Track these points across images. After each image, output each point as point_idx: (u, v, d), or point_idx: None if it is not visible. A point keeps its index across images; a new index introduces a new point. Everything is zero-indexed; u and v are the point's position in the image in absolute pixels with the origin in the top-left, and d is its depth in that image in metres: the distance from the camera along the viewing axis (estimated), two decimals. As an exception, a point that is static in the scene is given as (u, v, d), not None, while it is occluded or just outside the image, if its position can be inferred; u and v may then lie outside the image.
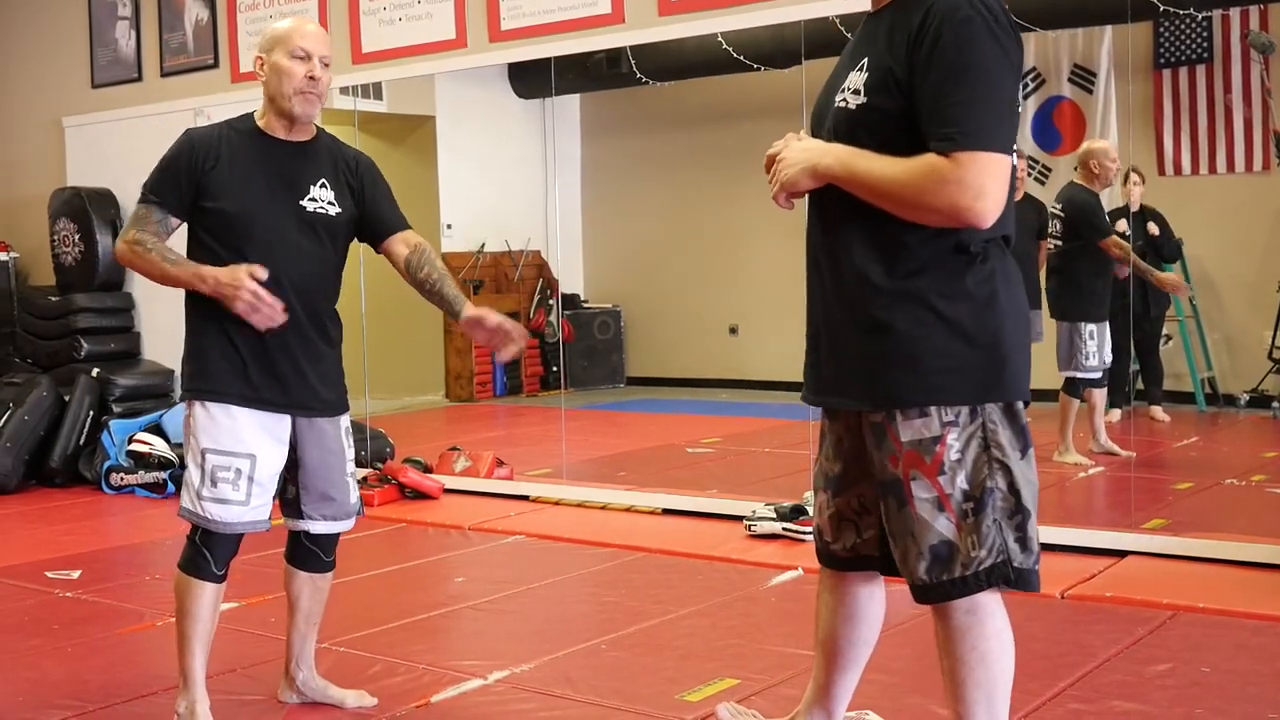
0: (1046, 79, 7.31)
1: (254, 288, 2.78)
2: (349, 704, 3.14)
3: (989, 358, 2.15)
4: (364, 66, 6.35)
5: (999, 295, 2.17)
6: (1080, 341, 5.83)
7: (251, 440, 2.89)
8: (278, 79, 2.90)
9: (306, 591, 3.14)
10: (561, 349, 9.49)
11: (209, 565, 2.92)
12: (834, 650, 2.58)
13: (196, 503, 2.89)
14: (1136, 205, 6.32)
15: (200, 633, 2.94)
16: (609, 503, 5.56)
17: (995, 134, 2.04)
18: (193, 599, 2.93)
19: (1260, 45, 6.35)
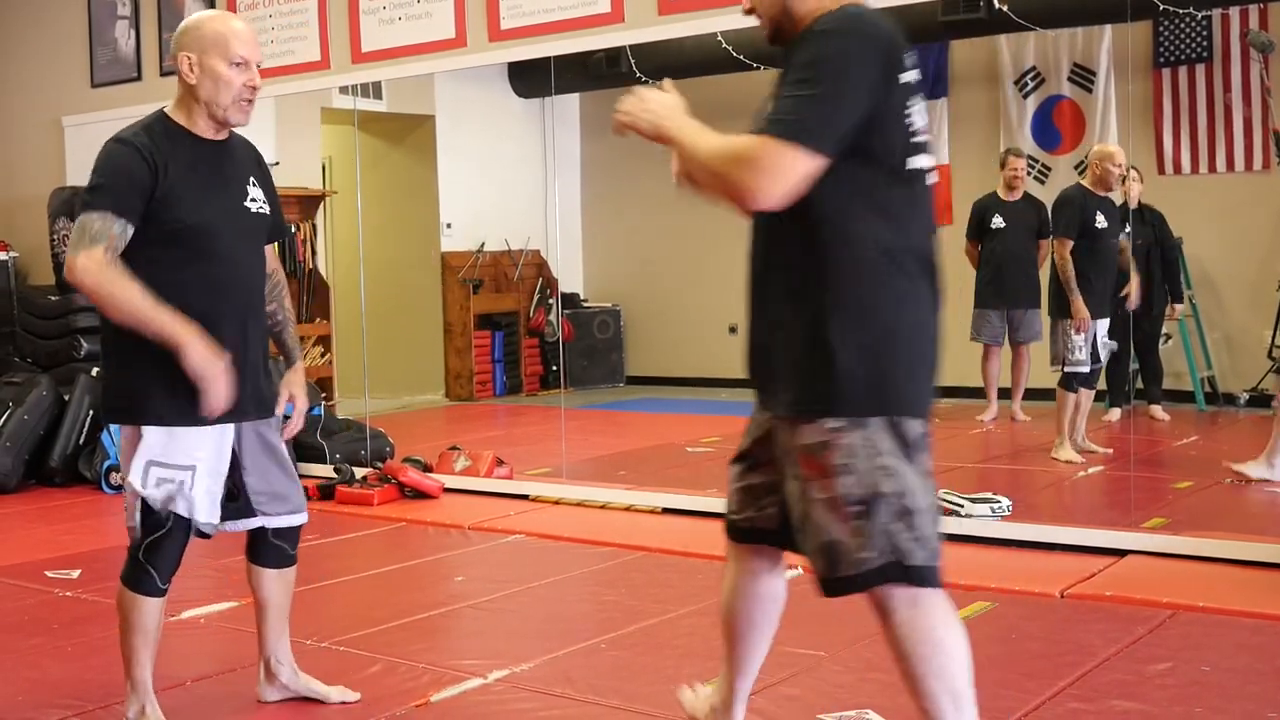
0: (1046, 78, 7.31)
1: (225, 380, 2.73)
2: (333, 699, 3.13)
3: (874, 373, 2.24)
4: (363, 66, 6.35)
5: (891, 312, 2.27)
6: (1067, 337, 5.88)
7: (193, 453, 2.82)
8: (214, 86, 2.79)
9: (277, 588, 3.08)
10: (561, 348, 9.49)
11: (153, 580, 2.88)
12: (732, 627, 2.60)
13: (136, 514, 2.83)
14: (1135, 203, 6.33)
15: (149, 644, 2.92)
16: (609, 502, 5.56)
17: (807, 130, 2.05)
18: (139, 614, 2.89)
19: (1260, 44, 6.35)
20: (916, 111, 2.21)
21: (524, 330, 9.90)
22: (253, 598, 3.12)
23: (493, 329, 9.72)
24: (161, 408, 2.80)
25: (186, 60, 2.83)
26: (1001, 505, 4.80)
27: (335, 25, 6.40)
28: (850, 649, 3.47)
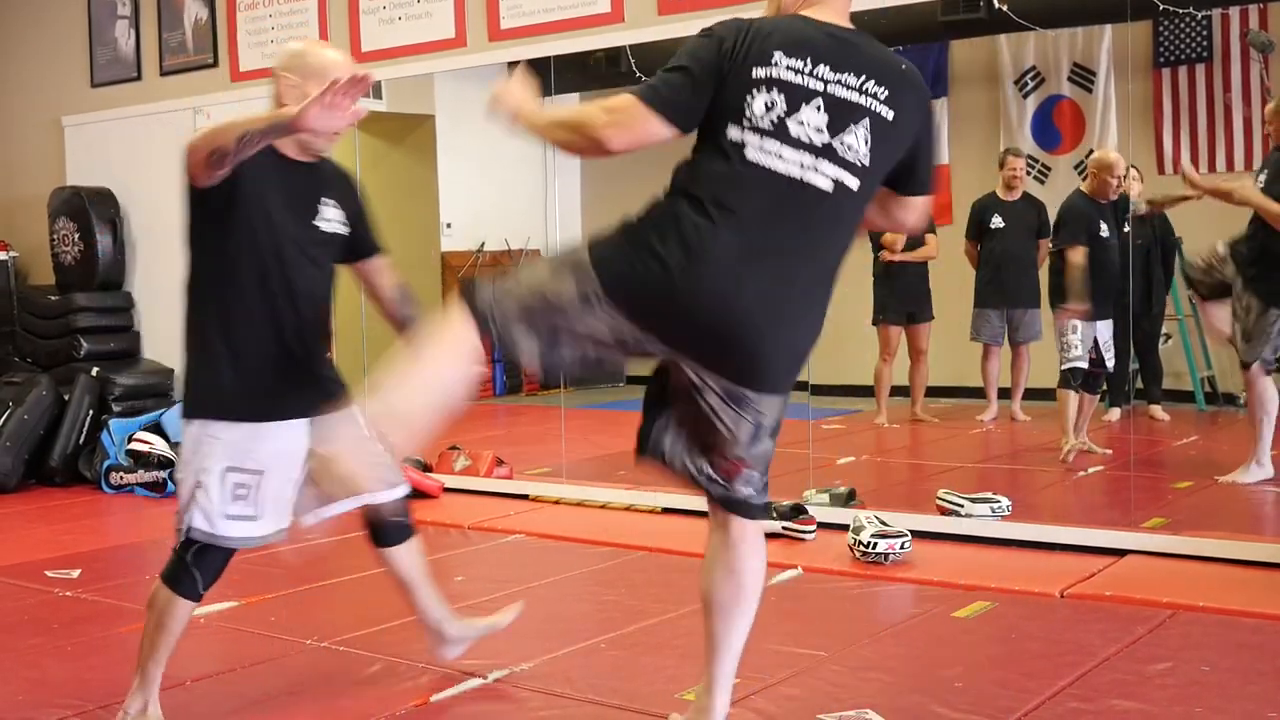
0: (1046, 78, 7.31)
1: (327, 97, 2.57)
2: (504, 624, 3.35)
3: None
4: (363, 66, 6.32)
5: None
6: (1064, 334, 5.87)
7: (263, 456, 2.88)
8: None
9: (407, 561, 3.20)
10: (561, 348, 9.47)
11: (195, 585, 2.91)
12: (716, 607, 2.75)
13: (215, 522, 2.85)
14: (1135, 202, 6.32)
15: (169, 644, 2.95)
16: (609, 501, 5.56)
17: (649, 89, 2.44)
18: (170, 614, 2.93)
19: (1260, 44, 6.35)
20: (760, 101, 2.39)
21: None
22: (393, 580, 3.22)
23: (492, 329, 9.70)
24: (242, 404, 2.86)
25: (287, 82, 2.90)
26: (1001, 505, 4.80)
27: (335, 25, 6.40)
28: (850, 649, 3.47)
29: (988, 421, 6.95)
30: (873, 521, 4.47)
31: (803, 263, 2.42)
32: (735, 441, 2.52)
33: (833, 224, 2.46)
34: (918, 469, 6.59)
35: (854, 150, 2.42)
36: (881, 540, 4.36)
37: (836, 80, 2.42)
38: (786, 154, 2.39)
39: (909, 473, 6.53)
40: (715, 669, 2.73)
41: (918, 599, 4.02)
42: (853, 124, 2.42)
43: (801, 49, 2.43)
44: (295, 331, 2.95)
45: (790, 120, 2.39)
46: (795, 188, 2.40)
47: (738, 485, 2.59)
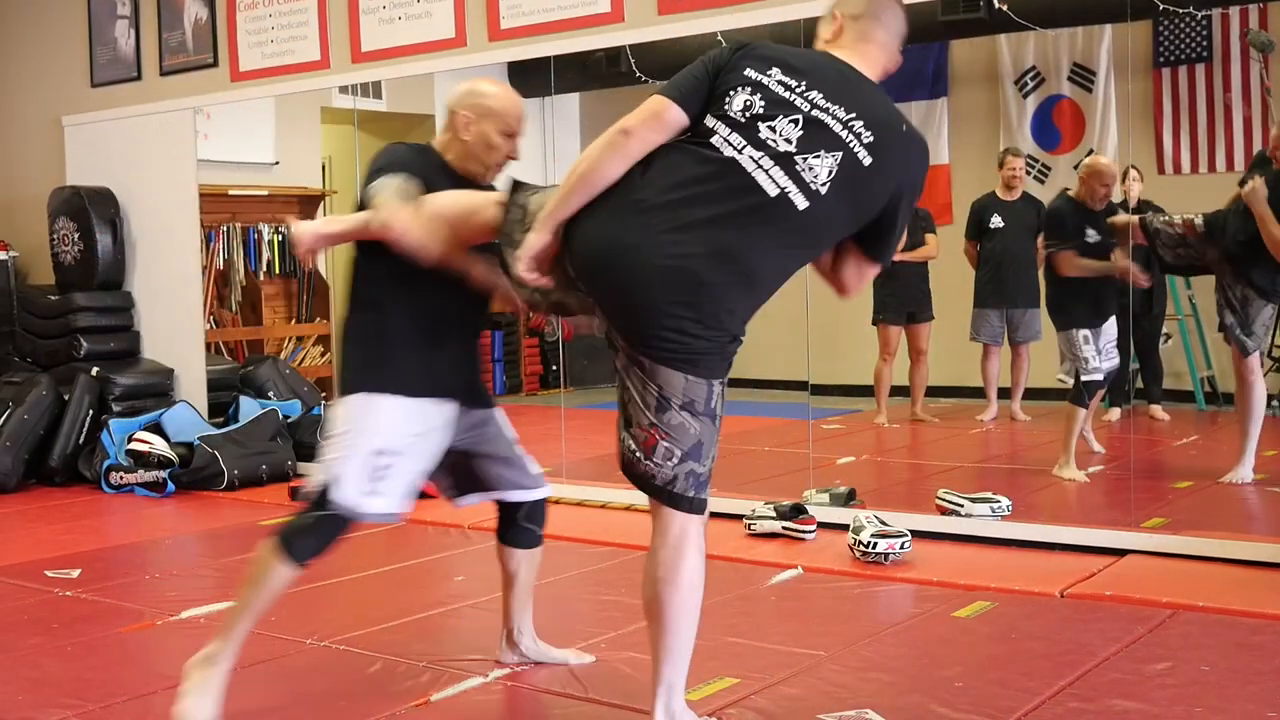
0: (1046, 78, 7.31)
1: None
2: (570, 662, 3.39)
3: None
4: (363, 65, 6.35)
5: None
6: (1077, 348, 5.66)
7: (409, 438, 2.99)
8: (484, 149, 3.11)
9: (524, 567, 3.35)
10: (561, 348, 9.49)
11: (306, 552, 2.97)
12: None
13: (359, 498, 2.94)
14: (1134, 202, 6.32)
15: (263, 606, 3.01)
16: (609, 501, 5.56)
17: (667, 83, 2.57)
18: (275, 575, 2.97)
19: (1260, 44, 6.35)
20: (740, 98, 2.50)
21: (524, 330, 9.90)
22: (501, 572, 3.37)
23: (492, 329, 9.72)
24: (402, 379, 2.98)
25: (465, 119, 3.14)
26: (1001, 505, 4.80)
27: (335, 25, 6.40)
28: (850, 649, 3.47)
29: (988, 421, 6.95)
30: (873, 521, 4.47)
31: (719, 248, 2.45)
32: (643, 407, 2.54)
33: (764, 226, 2.47)
34: (918, 469, 6.59)
35: (813, 173, 2.47)
36: (881, 540, 4.36)
37: (824, 108, 2.49)
38: (746, 150, 2.48)
39: (909, 473, 6.53)
40: (653, 674, 2.73)
41: (918, 599, 4.02)
42: (824, 150, 2.47)
43: (801, 72, 2.53)
44: (459, 320, 3.09)
45: (762, 124, 2.48)
46: (740, 179, 2.46)
47: (657, 460, 2.57)
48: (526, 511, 3.32)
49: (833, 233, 2.57)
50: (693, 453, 2.56)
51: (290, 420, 6.84)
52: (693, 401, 2.53)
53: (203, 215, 7.18)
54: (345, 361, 3.10)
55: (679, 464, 2.56)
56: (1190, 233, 5.31)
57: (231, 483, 6.23)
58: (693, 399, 2.52)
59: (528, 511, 3.33)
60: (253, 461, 6.37)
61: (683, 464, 2.56)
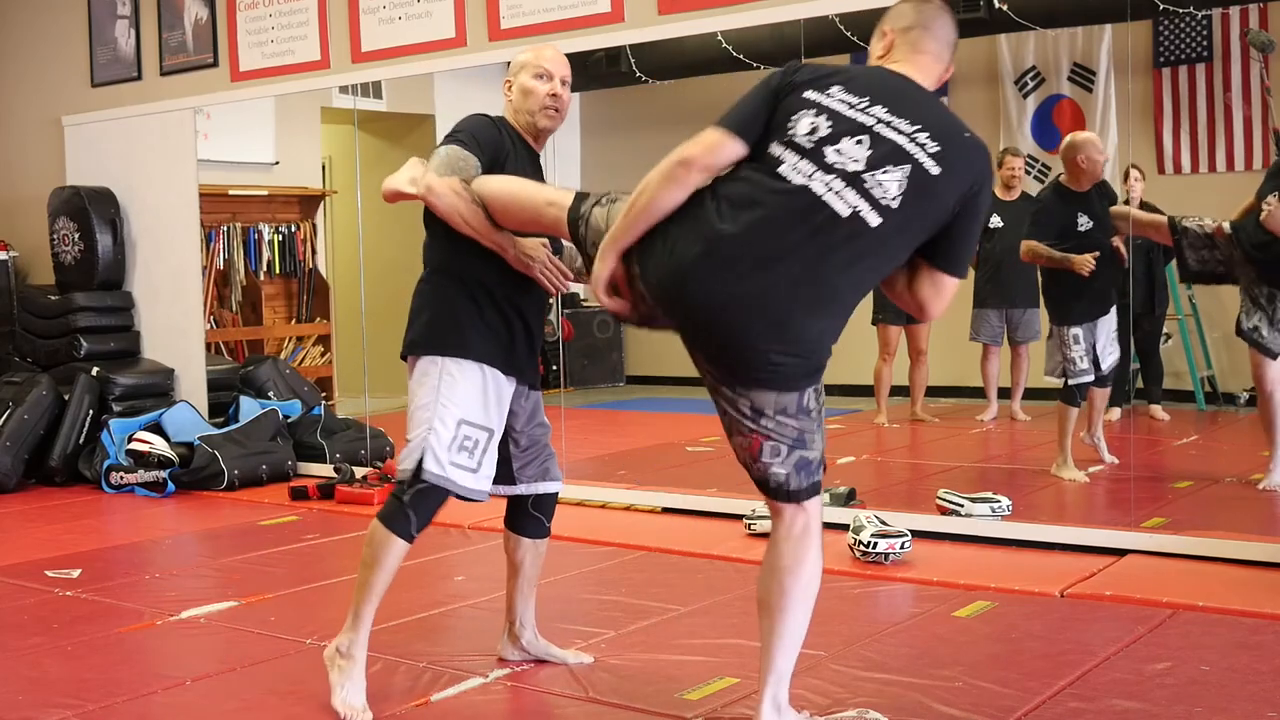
0: (1046, 78, 7.31)
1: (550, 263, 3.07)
2: (569, 661, 3.37)
3: None
4: (363, 65, 6.35)
5: None
6: (1065, 347, 5.62)
7: (496, 413, 3.08)
8: (524, 97, 3.20)
9: (529, 557, 3.35)
10: (561, 348, 9.48)
11: (410, 525, 3.04)
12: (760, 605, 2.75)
13: (445, 467, 3.02)
14: (1137, 202, 6.32)
15: (382, 586, 3.09)
16: (609, 501, 5.56)
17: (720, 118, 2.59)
18: (385, 552, 3.05)
19: (1260, 44, 6.34)
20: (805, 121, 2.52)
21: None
22: (506, 562, 3.37)
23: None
24: (483, 348, 3.06)
25: (507, 85, 3.26)
26: (1001, 505, 4.80)
27: (335, 25, 6.40)
28: (850, 649, 3.47)
29: (988, 421, 6.95)
30: (873, 521, 4.47)
31: (801, 277, 2.47)
32: (739, 416, 2.60)
33: (840, 248, 2.49)
34: (918, 469, 6.59)
35: (883, 188, 2.48)
36: (881, 540, 4.36)
37: (888, 122, 2.51)
38: (815, 175, 2.49)
39: (909, 473, 6.53)
40: (762, 665, 2.73)
41: (918, 599, 4.02)
42: (892, 165, 2.49)
43: (862, 88, 2.55)
44: (524, 294, 3.12)
45: (828, 147, 2.49)
46: (814, 205, 2.48)
47: (764, 460, 2.61)
48: (535, 500, 3.33)
49: (906, 245, 2.58)
50: (798, 443, 2.61)
51: (290, 420, 6.84)
52: (785, 408, 2.58)
53: (203, 215, 7.18)
54: (417, 321, 3.15)
55: (787, 457, 2.61)
56: (1220, 235, 5.29)
57: (231, 483, 6.23)
58: (785, 406, 2.58)
59: (536, 500, 3.34)
60: (253, 461, 6.37)
61: (790, 455, 2.61)
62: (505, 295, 3.08)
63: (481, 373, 3.05)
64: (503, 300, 3.08)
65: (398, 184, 3.25)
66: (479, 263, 3.05)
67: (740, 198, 2.51)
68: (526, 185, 3.01)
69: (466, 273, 3.07)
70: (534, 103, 3.19)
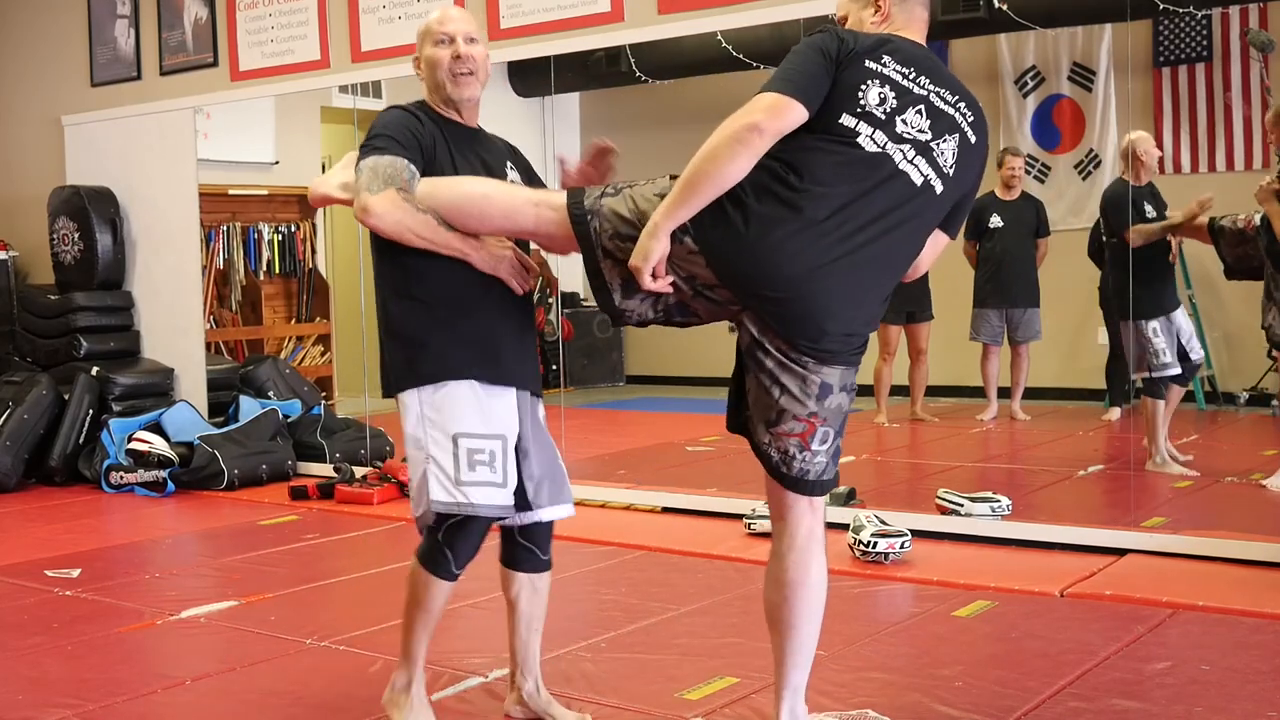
0: (1046, 77, 7.31)
1: (515, 259, 2.78)
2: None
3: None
4: (363, 65, 6.35)
5: None
6: (1146, 340, 5.58)
7: (499, 420, 2.78)
8: (431, 70, 2.92)
9: (525, 594, 2.98)
10: (561, 348, 9.48)
11: (449, 564, 2.79)
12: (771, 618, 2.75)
13: (455, 491, 2.71)
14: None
15: (429, 623, 2.86)
16: (608, 501, 5.56)
17: (781, 82, 2.45)
18: (428, 593, 2.82)
19: (1260, 43, 6.34)
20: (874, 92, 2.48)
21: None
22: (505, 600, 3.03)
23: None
24: (460, 364, 2.75)
25: (416, 62, 3.00)
26: (1001, 505, 4.80)
27: (335, 24, 6.40)
28: (850, 649, 3.47)
29: (988, 421, 6.95)
30: (873, 521, 4.47)
31: (879, 248, 2.49)
32: (802, 399, 2.52)
33: (911, 218, 2.53)
34: (918, 468, 6.59)
35: (945, 157, 2.54)
36: (881, 540, 4.36)
37: (936, 92, 2.54)
38: (888, 145, 2.48)
39: (909, 472, 6.53)
40: (777, 679, 2.73)
41: (918, 598, 4.02)
42: (948, 134, 2.54)
43: (907, 58, 2.55)
44: (511, 303, 2.84)
45: (898, 117, 2.49)
46: (892, 175, 2.49)
47: (814, 448, 2.56)
48: (524, 528, 2.95)
49: (944, 212, 2.63)
50: (840, 428, 2.62)
51: (290, 420, 6.84)
52: (847, 385, 2.58)
53: (203, 215, 7.18)
54: (387, 356, 2.85)
55: (832, 443, 2.60)
56: (1249, 228, 5.32)
57: (231, 482, 6.23)
58: (847, 383, 2.58)
59: (524, 529, 2.95)
60: (253, 461, 6.37)
61: (834, 441, 2.61)
62: (476, 302, 2.76)
63: (468, 388, 2.75)
64: (475, 309, 2.76)
65: (326, 188, 2.95)
66: (439, 276, 2.73)
67: (822, 167, 2.45)
68: (491, 185, 2.77)
69: (428, 292, 2.75)
70: (442, 73, 2.89)
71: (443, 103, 2.93)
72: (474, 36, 2.94)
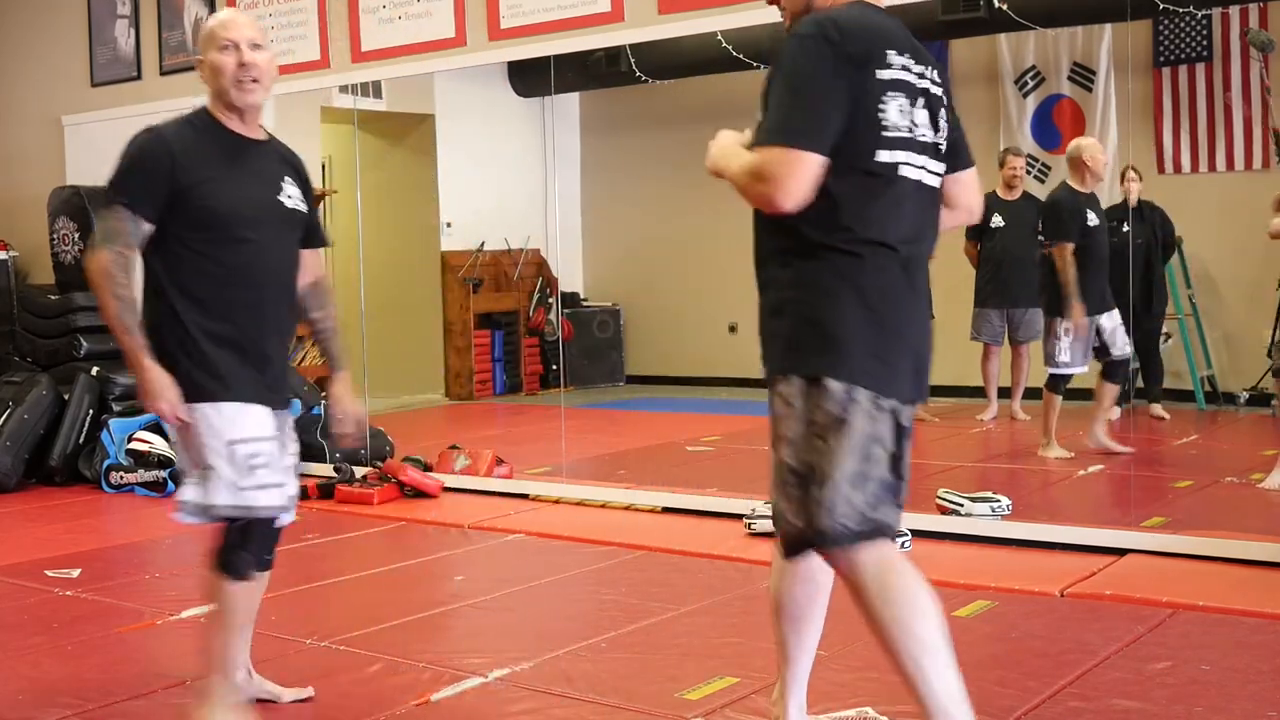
0: (1046, 77, 7.31)
1: (172, 413, 2.76)
2: (285, 699, 3.13)
3: (821, 342, 2.32)
4: (363, 65, 6.35)
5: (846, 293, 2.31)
6: (1054, 338, 5.90)
7: (269, 425, 2.88)
8: (214, 75, 2.91)
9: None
10: (561, 347, 9.49)
11: (244, 564, 2.89)
12: (781, 610, 2.67)
13: (237, 495, 2.80)
14: (1134, 201, 6.33)
15: (241, 625, 2.94)
16: (609, 501, 5.56)
17: (794, 134, 2.22)
18: (232, 600, 2.89)
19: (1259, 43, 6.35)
20: (894, 108, 2.29)
21: (524, 329, 9.91)
22: None
23: (492, 328, 9.73)
24: (219, 386, 2.80)
25: (199, 63, 2.97)
26: (1001, 504, 4.80)
27: (335, 24, 6.40)
28: (850, 649, 3.47)
29: (988, 421, 6.96)
30: (873, 521, 4.46)
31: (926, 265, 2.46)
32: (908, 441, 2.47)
33: (936, 219, 2.48)
34: (918, 468, 6.54)
35: (941, 138, 2.42)
36: (881, 539, 4.35)
37: (921, 73, 2.38)
38: (914, 160, 2.35)
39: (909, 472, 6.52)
40: (787, 675, 2.70)
41: (918, 598, 4.02)
42: (940, 114, 2.42)
43: (900, 45, 2.35)
44: (251, 321, 2.88)
45: (915, 128, 2.35)
46: (925, 194, 2.40)
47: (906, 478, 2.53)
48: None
49: None
50: None
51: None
52: None
53: (203, 215, 7.17)
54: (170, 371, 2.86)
55: None
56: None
57: (231, 482, 6.22)
58: None
59: (264, 532, 2.99)
60: (253, 461, 6.37)
61: None
62: (214, 326, 2.81)
63: (238, 405, 2.82)
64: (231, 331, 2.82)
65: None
66: (181, 303, 2.80)
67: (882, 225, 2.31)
68: None
69: (182, 298, 2.81)
70: (225, 79, 2.88)
71: (225, 109, 2.93)
72: (258, 42, 2.94)
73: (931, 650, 2.32)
